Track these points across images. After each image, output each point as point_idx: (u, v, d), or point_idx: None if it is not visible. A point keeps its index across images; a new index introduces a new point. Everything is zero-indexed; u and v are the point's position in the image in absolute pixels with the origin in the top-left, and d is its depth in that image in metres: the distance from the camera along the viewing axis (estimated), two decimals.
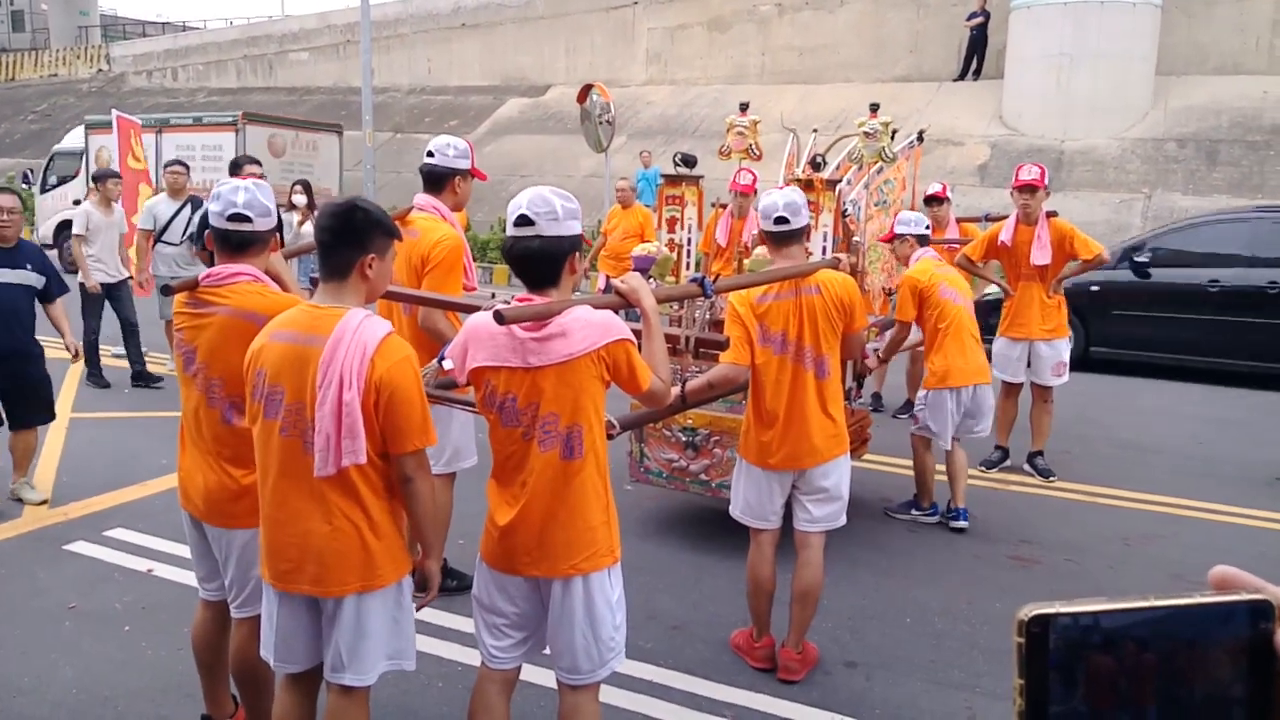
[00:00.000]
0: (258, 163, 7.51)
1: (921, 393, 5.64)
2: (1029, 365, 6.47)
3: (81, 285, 8.10)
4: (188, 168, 8.66)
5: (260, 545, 2.72)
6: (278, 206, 3.22)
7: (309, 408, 2.55)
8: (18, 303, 5.53)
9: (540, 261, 2.68)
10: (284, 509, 2.62)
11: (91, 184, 8.86)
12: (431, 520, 2.74)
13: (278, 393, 2.60)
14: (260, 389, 2.62)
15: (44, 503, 5.56)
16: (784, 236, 3.74)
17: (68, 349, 5.72)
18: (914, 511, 5.65)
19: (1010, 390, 6.61)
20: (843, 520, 3.91)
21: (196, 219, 7.82)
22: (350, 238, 2.63)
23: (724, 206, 7.26)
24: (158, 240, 8.27)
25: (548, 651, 2.90)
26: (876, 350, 5.71)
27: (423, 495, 2.67)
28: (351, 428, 2.51)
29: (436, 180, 4.22)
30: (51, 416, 5.86)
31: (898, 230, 5.50)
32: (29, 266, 5.55)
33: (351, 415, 2.50)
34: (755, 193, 7.10)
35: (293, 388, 2.58)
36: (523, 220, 2.65)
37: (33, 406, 5.65)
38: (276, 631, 2.73)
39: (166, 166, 8.65)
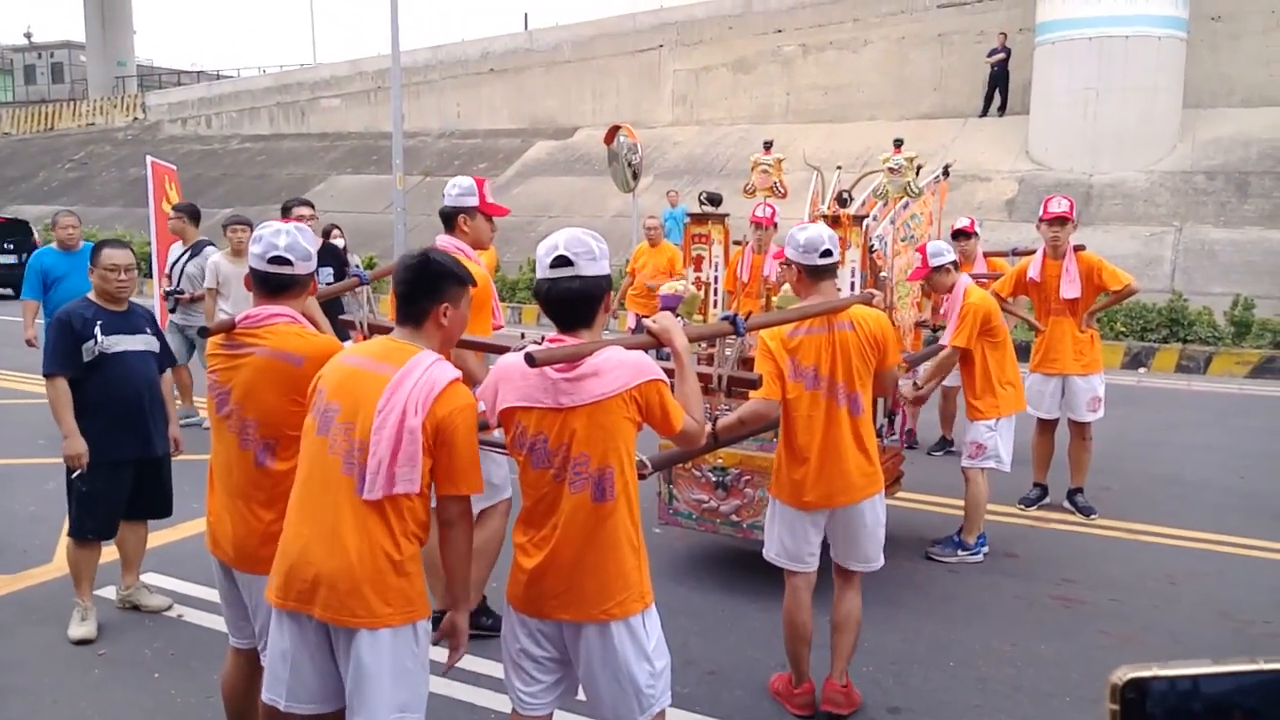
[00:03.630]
0: (309, 204, 7.22)
1: (990, 421, 5.53)
2: (1063, 400, 6.37)
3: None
4: (197, 213, 8.57)
5: (274, 565, 2.66)
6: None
7: (358, 429, 2.55)
8: (150, 377, 4.59)
9: (580, 302, 2.68)
10: (311, 524, 2.59)
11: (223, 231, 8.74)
12: (466, 572, 2.73)
13: (333, 409, 2.61)
14: (319, 405, 2.65)
15: (169, 607, 4.79)
16: (825, 271, 3.70)
17: (170, 441, 4.73)
18: (960, 552, 5.53)
19: (1045, 427, 6.51)
20: (880, 561, 3.83)
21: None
22: (426, 288, 2.69)
23: (745, 244, 7.24)
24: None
25: (582, 697, 2.84)
26: (915, 383, 5.63)
27: (460, 543, 2.68)
28: (411, 456, 2.53)
29: (446, 220, 4.34)
30: (169, 510, 4.84)
31: (934, 264, 5.39)
32: (148, 330, 4.64)
33: (413, 443, 2.52)
34: (775, 226, 7.10)
35: (348, 407, 2.59)
36: (561, 261, 2.65)
37: (156, 496, 4.71)
38: (289, 664, 2.64)
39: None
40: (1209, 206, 15.79)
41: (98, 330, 4.41)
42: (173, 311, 8.32)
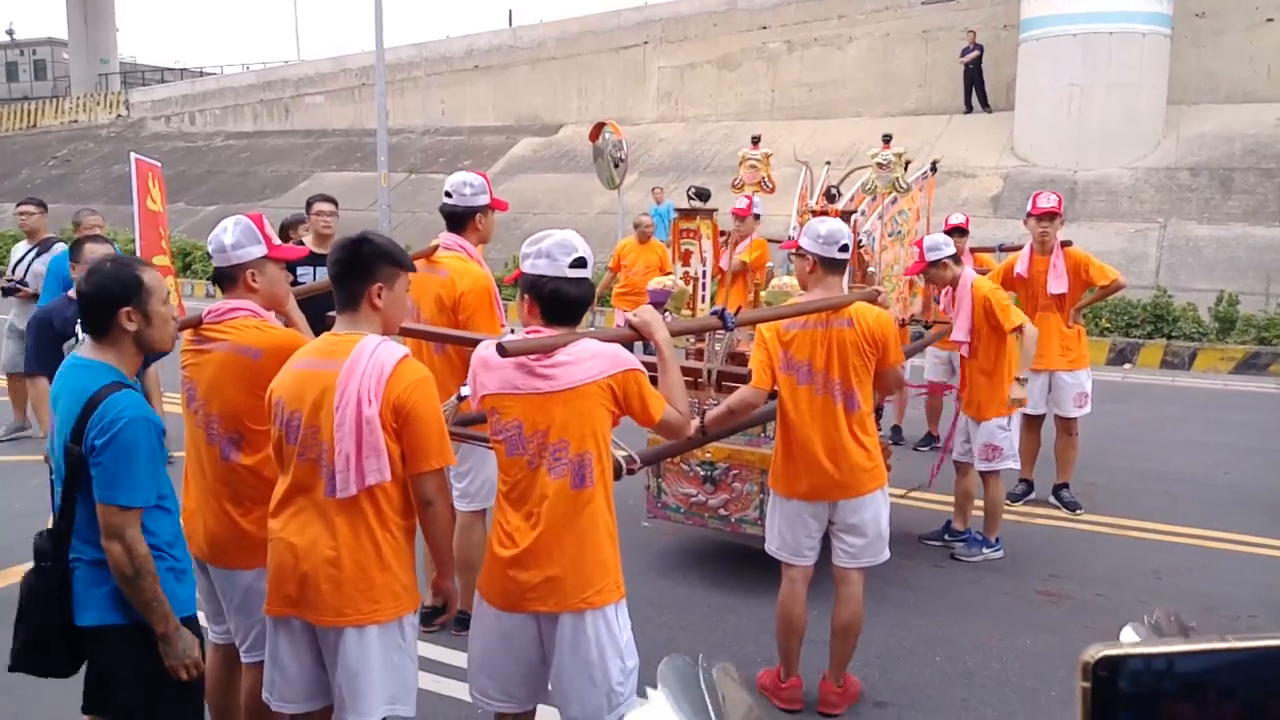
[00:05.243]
0: (331, 200, 7.01)
1: (1003, 419, 5.43)
2: (1049, 396, 6.38)
3: None
4: (44, 206, 8.19)
5: (266, 573, 2.70)
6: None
7: (323, 430, 2.55)
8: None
9: (582, 303, 2.74)
10: (291, 531, 2.61)
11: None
12: (449, 543, 2.75)
13: (296, 417, 2.60)
14: (281, 416, 2.64)
15: None
16: (838, 265, 3.73)
17: None
18: (985, 550, 5.51)
19: (1032, 422, 6.52)
20: (884, 556, 3.83)
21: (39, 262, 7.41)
22: (358, 269, 2.67)
23: (730, 238, 7.26)
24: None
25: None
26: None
27: (442, 518, 2.67)
28: (375, 445, 2.52)
29: (458, 220, 4.23)
30: None
31: (932, 258, 5.33)
32: None
33: (374, 433, 2.51)
34: (756, 218, 7.13)
35: (308, 411, 2.58)
36: (581, 263, 2.71)
37: None
38: (277, 666, 2.69)
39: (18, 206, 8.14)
40: (1193, 203, 15.88)
41: (79, 328, 4.38)
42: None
